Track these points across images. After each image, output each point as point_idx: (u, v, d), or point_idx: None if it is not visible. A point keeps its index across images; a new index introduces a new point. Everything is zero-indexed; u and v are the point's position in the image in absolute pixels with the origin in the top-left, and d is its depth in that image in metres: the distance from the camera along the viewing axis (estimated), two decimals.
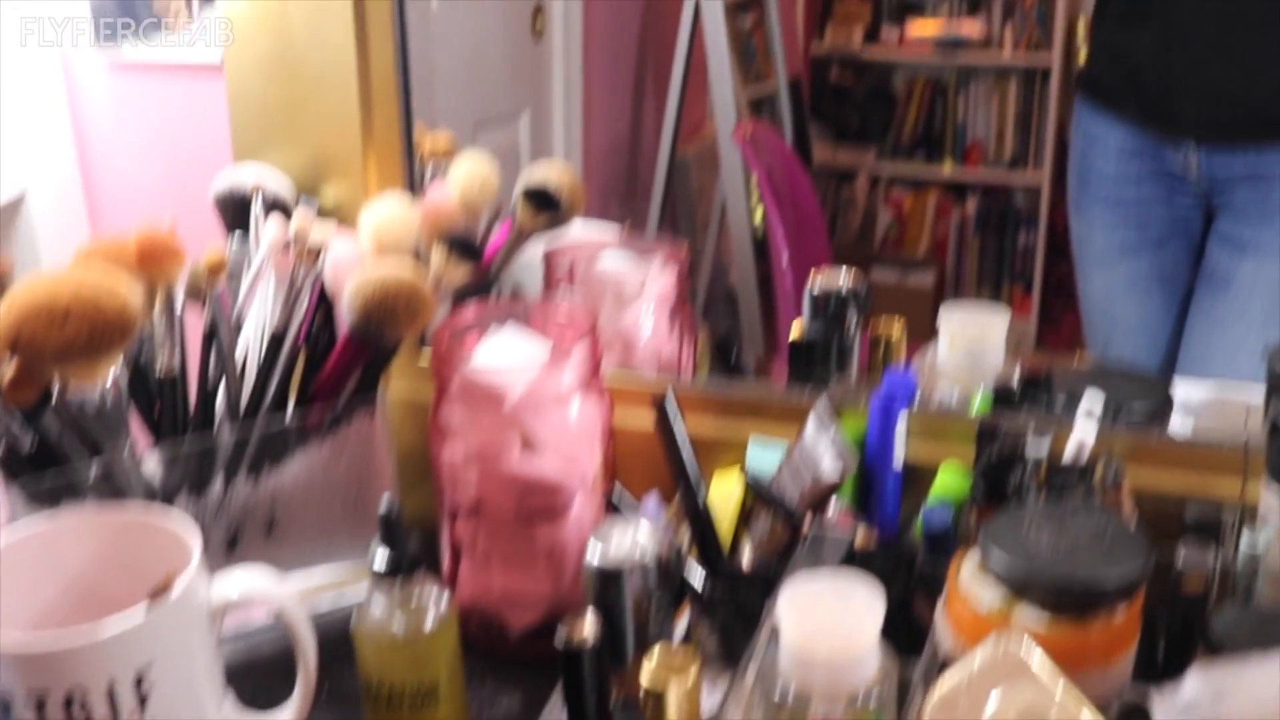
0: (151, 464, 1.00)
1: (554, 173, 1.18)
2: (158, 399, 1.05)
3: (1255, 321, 1.55)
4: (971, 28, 3.91)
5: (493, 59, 2.36)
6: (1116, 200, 1.67)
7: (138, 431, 1.04)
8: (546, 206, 1.15)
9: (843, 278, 1.20)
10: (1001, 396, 1.12)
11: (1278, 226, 1.54)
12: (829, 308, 1.18)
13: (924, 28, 3.98)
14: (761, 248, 2.65)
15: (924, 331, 1.23)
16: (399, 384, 1.19)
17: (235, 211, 1.14)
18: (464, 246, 1.05)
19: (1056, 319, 3.93)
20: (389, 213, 1.06)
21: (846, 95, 4.11)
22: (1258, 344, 1.58)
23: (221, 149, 1.19)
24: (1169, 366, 1.68)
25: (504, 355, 1.00)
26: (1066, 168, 1.76)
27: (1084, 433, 0.95)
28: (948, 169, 4.07)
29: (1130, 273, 1.70)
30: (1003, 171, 4.00)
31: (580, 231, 1.23)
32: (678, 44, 2.78)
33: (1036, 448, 0.95)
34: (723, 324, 2.58)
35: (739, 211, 2.73)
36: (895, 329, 1.23)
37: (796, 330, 1.18)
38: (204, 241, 1.09)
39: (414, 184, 1.21)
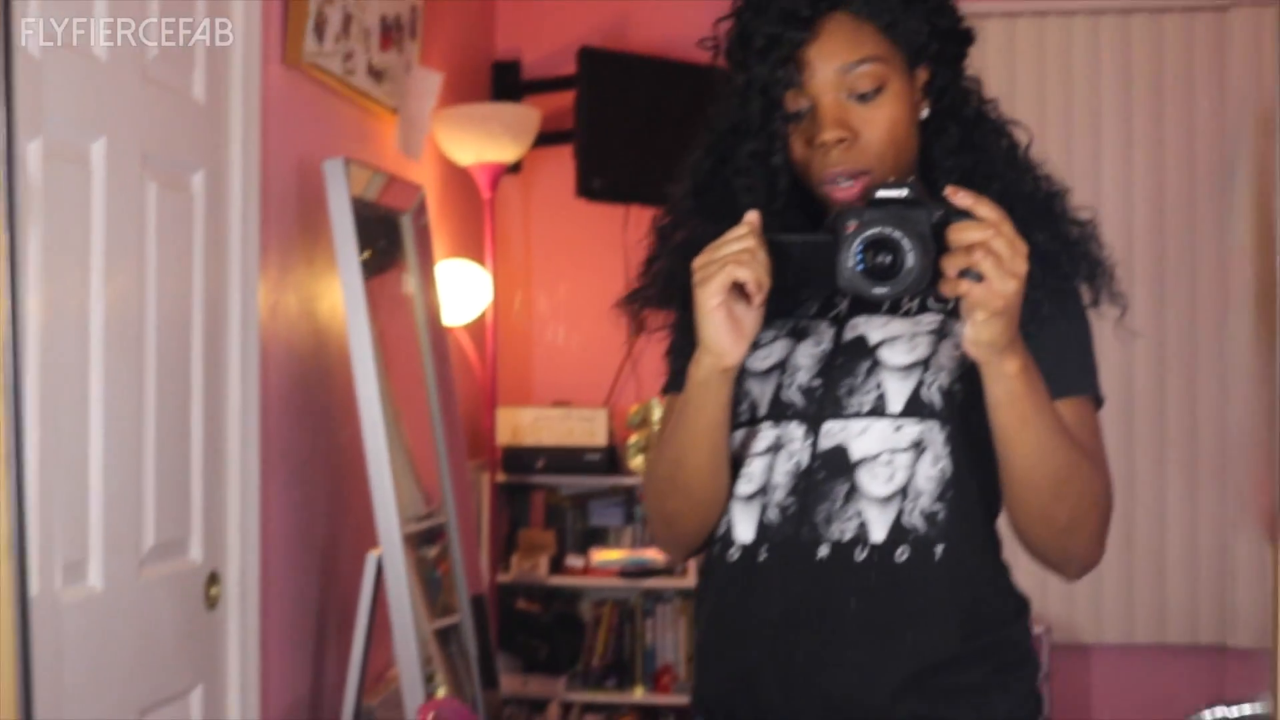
0: None
1: None
2: None
3: None
4: (656, 553, 3.99)
5: (163, 636, 2.22)
6: None
7: None
8: None
9: None
10: None
11: None
12: None
13: (609, 555, 4.05)
14: None
15: None
16: None
17: None
18: None
19: None
20: None
21: (534, 624, 4.09)
22: None
23: None
24: None
25: None
26: None
27: None
28: (639, 694, 4.04)
29: None
30: None
31: None
32: (361, 595, 2.70)
33: None
34: None
35: None
36: None
37: None
38: None
39: None
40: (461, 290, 3.68)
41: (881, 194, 1.36)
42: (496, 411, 4.01)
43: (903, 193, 1.36)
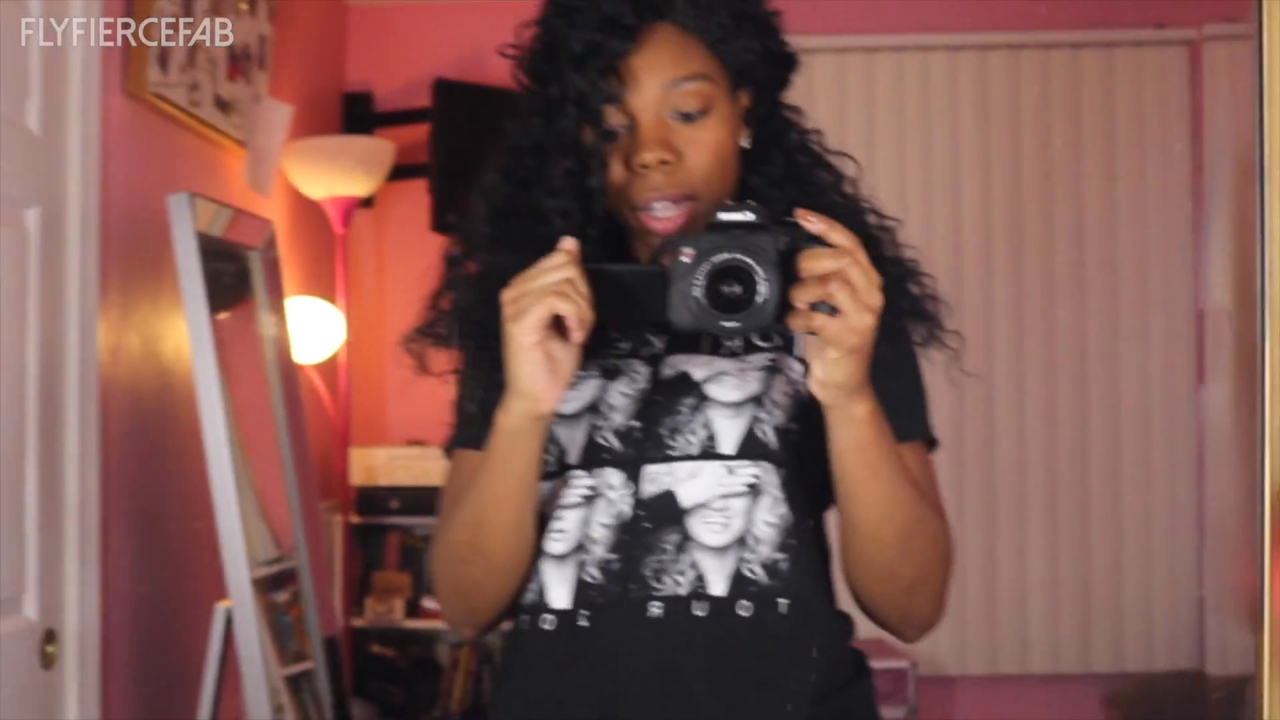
0: None
1: None
2: None
3: None
4: None
5: None
6: None
7: None
8: None
9: None
10: None
11: None
12: None
13: None
14: None
15: None
16: None
17: None
18: None
19: None
20: None
21: (390, 668, 3.99)
22: None
23: None
24: None
25: None
26: None
27: None
28: None
29: None
30: None
31: None
32: (209, 649, 2.60)
33: None
34: None
35: None
36: None
37: None
38: None
39: None
40: (313, 328, 3.57)
41: (723, 217, 1.21)
42: (350, 451, 3.90)
43: (747, 216, 1.21)
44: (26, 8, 2.18)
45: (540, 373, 1.23)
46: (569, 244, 1.25)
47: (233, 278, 2.84)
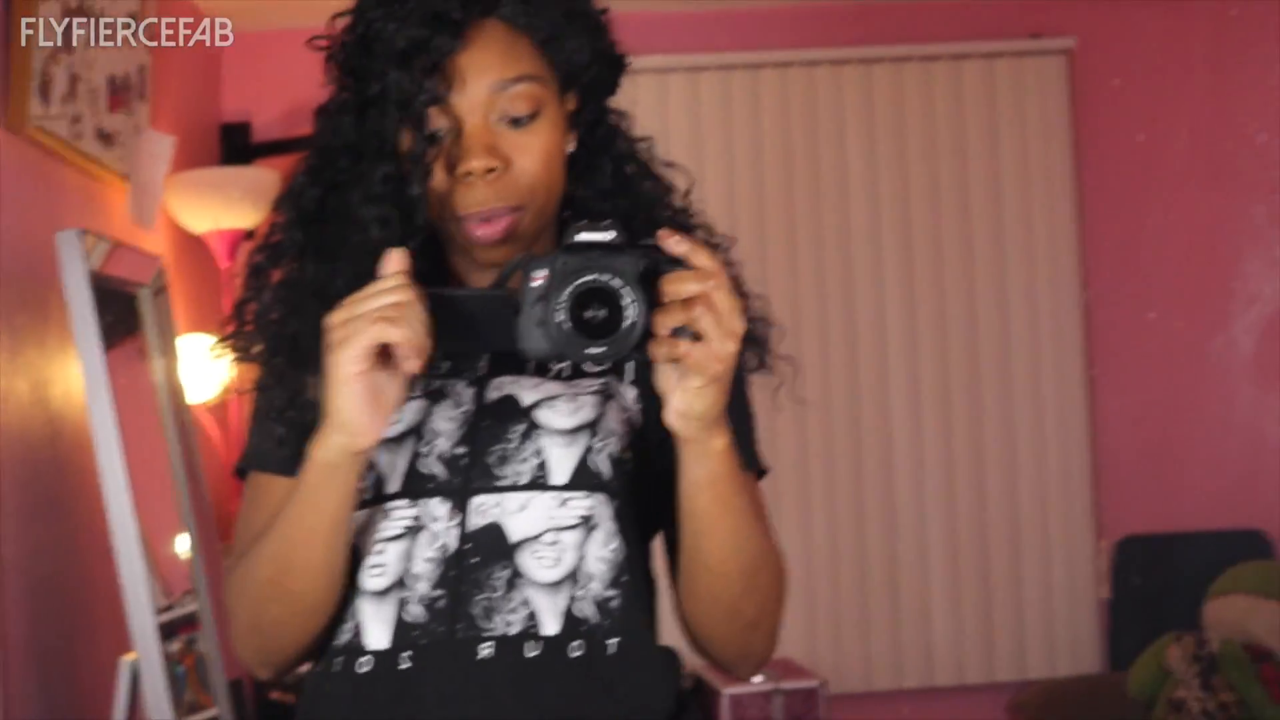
0: None
1: None
2: None
3: None
4: None
5: None
6: None
7: None
8: None
9: None
10: None
11: None
12: None
13: None
14: None
15: None
16: None
17: None
18: None
19: None
20: None
21: (290, 716, 3.84)
22: None
23: None
24: None
25: None
26: None
27: None
28: None
29: None
30: None
31: None
32: (115, 704, 2.49)
33: None
34: None
35: None
36: None
37: None
38: None
39: None
40: (201, 366, 3.45)
41: (583, 237, 1.14)
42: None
43: (607, 235, 1.14)
44: None
45: (362, 406, 1.14)
46: (398, 261, 1.15)
47: (117, 315, 2.72)
